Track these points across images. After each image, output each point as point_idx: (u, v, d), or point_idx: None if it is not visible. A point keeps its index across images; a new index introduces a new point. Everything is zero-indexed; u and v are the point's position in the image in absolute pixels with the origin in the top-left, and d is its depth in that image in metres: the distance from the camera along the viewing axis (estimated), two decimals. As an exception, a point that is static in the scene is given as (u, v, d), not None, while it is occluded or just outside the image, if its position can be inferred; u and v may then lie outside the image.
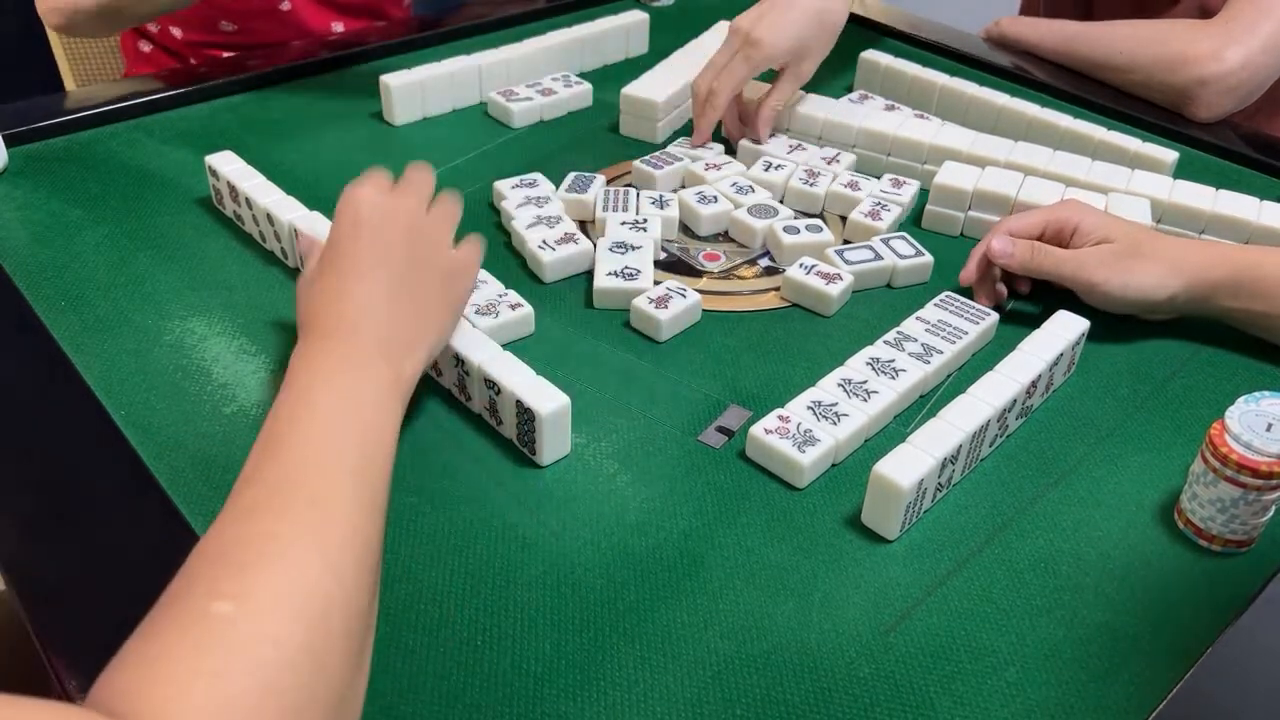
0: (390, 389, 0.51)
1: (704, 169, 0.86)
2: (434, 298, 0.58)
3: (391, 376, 0.51)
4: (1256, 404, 0.54)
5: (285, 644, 0.36)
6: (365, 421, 0.48)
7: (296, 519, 0.41)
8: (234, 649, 0.35)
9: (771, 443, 0.58)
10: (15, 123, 0.87)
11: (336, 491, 0.43)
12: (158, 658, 0.35)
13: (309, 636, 0.37)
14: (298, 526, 0.41)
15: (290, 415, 0.46)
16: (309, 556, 0.40)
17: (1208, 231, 0.81)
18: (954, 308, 0.69)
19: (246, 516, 0.41)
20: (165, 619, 0.37)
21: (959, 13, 1.33)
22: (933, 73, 1.00)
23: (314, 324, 0.53)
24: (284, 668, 0.35)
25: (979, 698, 0.47)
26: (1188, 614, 0.52)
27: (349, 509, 0.43)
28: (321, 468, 0.44)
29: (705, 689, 0.46)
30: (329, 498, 0.43)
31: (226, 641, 0.35)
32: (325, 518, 0.42)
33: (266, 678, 0.35)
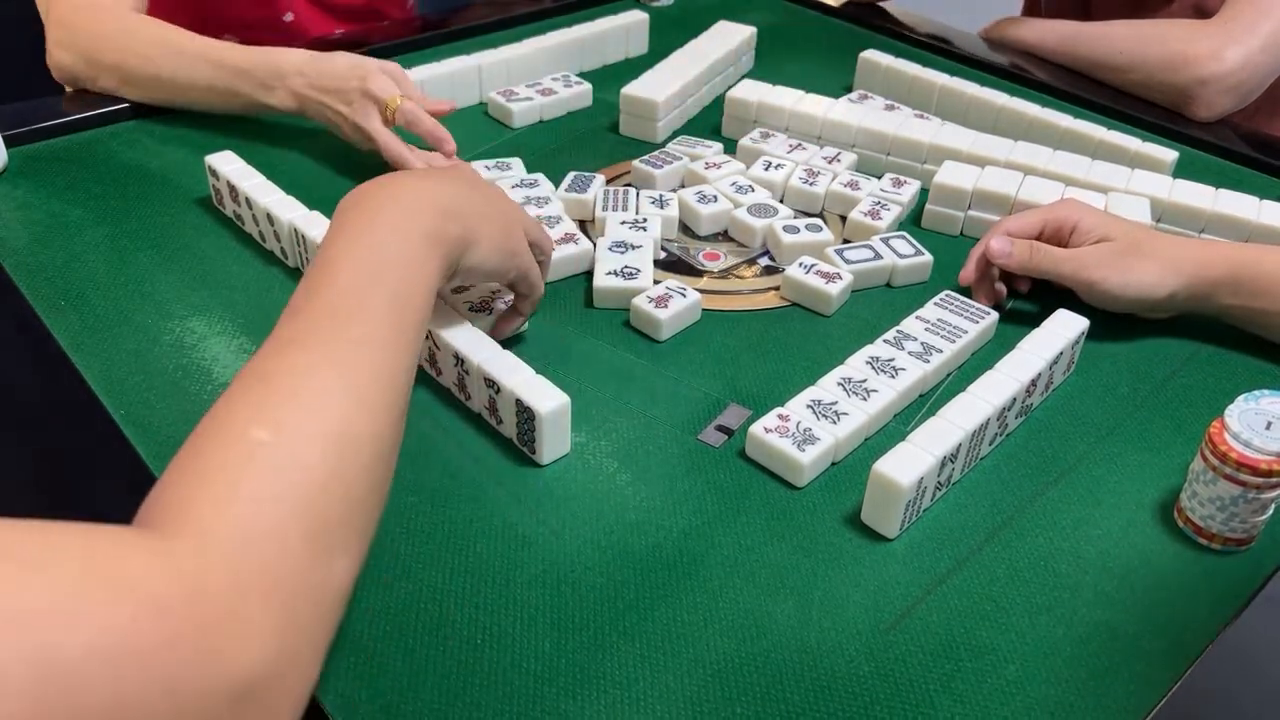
0: (433, 249, 0.51)
1: (704, 168, 0.86)
2: (493, 207, 0.59)
3: (434, 235, 0.52)
4: (1256, 402, 0.54)
5: (316, 471, 0.39)
6: (403, 269, 0.49)
7: (332, 354, 0.43)
8: (268, 474, 0.38)
9: (771, 441, 0.58)
10: (15, 123, 0.87)
11: (372, 331, 0.45)
12: (199, 478, 0.38)
13: (339, 465, 0.40)
14: (333, 362, 0.43)
15: (334, 255, 0.48)
16: (342, 391, 0.42)
17: (1208, 231, 0.81)
18: (954, 307, 0.69)
19: (286, 349, 0.44)
20: (207, 442, 0.39)
21: (959, 13, 1.33)
22: (933, 73, 1.00)
23: (363, 187, 0.53)
24: (314, 493, 0.38)
25: (979, 696, 0.47)
26: (1187, 612, 0.52)
27: (382, 348, 0.45)
28: (359, 308, 0.46)
29: (705, 687, 0.47)
30: (364, 337, 0.45)
31: (262, 467, 0.38)
32: (359, 355, 0.44)
33: (297, 502, 0.38)
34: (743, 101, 0.94)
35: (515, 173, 0.85)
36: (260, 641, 0.34)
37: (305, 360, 0.43)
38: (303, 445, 0.39)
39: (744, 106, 0.94)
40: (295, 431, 0.40)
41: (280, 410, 0.40)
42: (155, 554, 0.34)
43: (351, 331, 0.45)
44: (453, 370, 0.62)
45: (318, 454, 0.39)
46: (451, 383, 0.63)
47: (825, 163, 0.88)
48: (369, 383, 0.43)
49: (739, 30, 1.08)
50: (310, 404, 0.41)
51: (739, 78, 1.06)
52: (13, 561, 0.30)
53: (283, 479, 0.38)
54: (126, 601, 0.31)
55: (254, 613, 0.35)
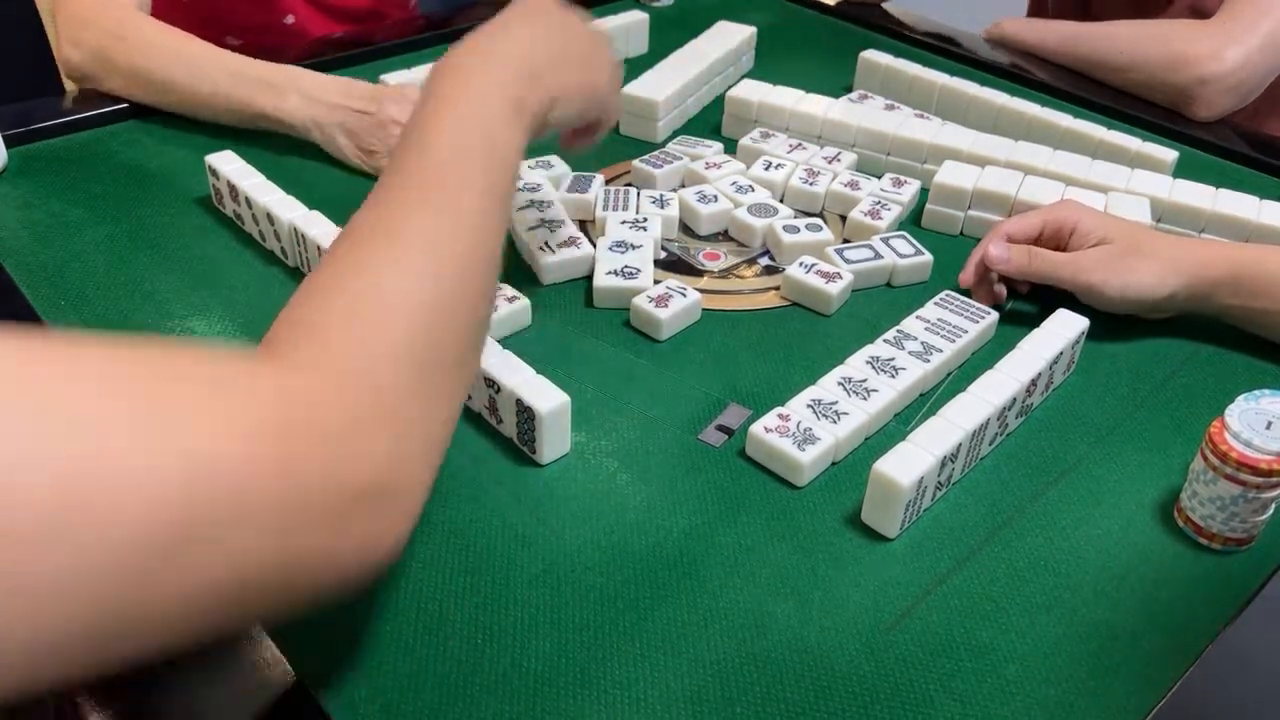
0: (519, 114, 0.54)
1: (704, 168, 0.86)
2: (579, 53, 0.62)
3: (522, 101, 0.54)
4: (1256, 402, 0.54)
5: (425, 307, 0.43)
6: (493, 137, 0.51)
7: (432, 208, 0.46)
8: (381, 309, 0.41)
9: (771, 441, 0.58)
10: (15, 123, 0.87)
11: (466, 190, 0.48)
12: (317, 312, 0.41)
13: (446, 303, 0.44)
14: (437, 211, 0.46)
15: (428, 123, 0.50)
16: (449, 237, 0.46)
17: (1208, 231, 0.81)
18: (954, 306, 0.69)
19: (389, 204, 0.47)
20: (324, 281, 0.43)
21: (959, 13, 1.33)
22: (933, 73, 1.00)
23: (456, 50, 0.56)
24: (422, 327, 0.42)
25: (979, 696, 0.47)
26: (1187, 612, 0.52)
27: (476, 206, 0.48)
28: (454, 168, 0.49)
29: (705, 687, 0.47)
30: (459, 196, 0.48)
31: (375, 302, 0.41)
32: (457, 211, 0.47)
33: (407, 334, 0.41)
34: (743, 101, 0.94)
35: (558, 170, 0.85)
36: (375, 456, 0.37)
37: (411, 211, 0.46)
38: (413, 283, 0.43)
39: (744, 106, 0.94)
40: (406, 271, 0.43)
41: (392, 251, 0.44)
42: (279, 374, 0.37)
43: (450, 190, 0.48)
44: (453, 370, 0.62)
45: (428, 291, 0.43)
46: (451, 382, 0.63)
47: (825, 163, 0.88)
48: (470, 233, 0.47)
49: (739, 30, 1.08)
50: (419, 246, 0.44)
51: (739, 78, 1.06)
52: (154, 376, 0.33)
53: (395, 314, 0.41)
54: (253, 416, 0.34)
55: (369, 430, 0.38)
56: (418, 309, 0.42)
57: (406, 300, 0.42)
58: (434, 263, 0.44)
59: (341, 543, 0.36)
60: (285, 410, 0.35)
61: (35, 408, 0.29)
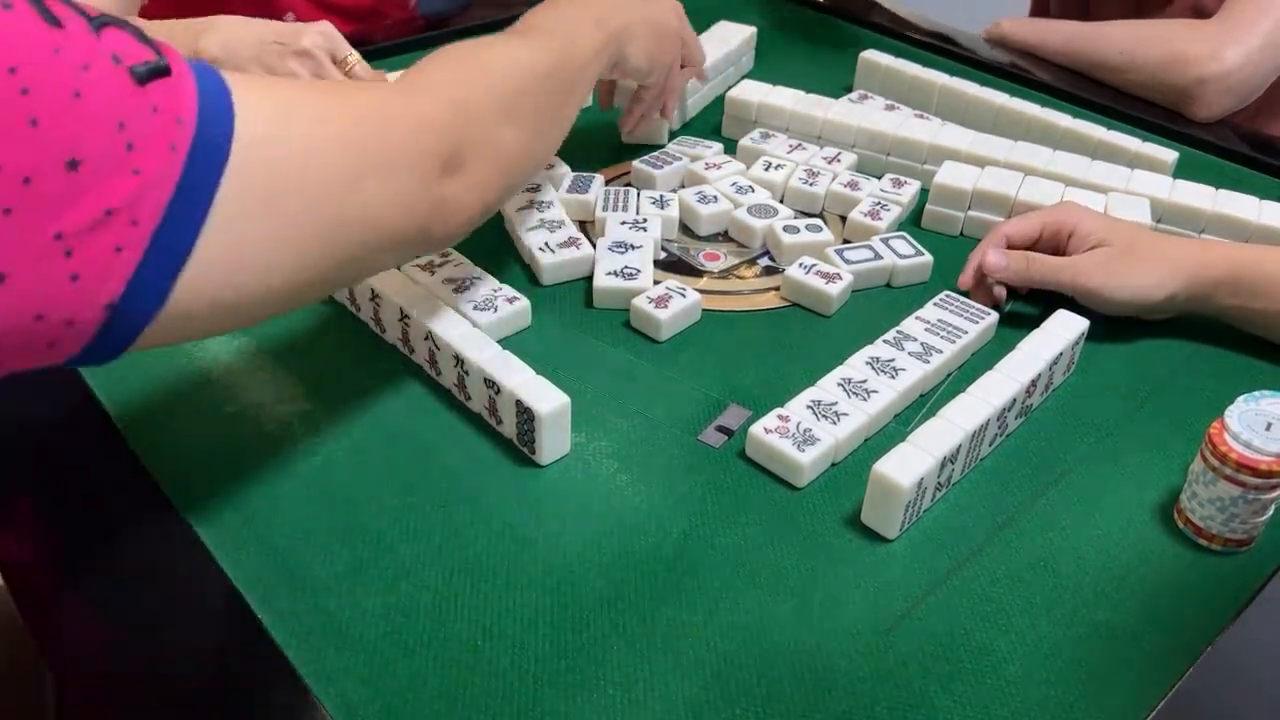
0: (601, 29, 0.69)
1: (704, 169, 0.86)
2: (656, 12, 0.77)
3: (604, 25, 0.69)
4: (1256, 403, 0.54)
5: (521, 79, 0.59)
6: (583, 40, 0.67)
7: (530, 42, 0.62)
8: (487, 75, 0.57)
9: (771, 442, 0.58)
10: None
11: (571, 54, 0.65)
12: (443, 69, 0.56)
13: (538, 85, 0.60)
14: (529, 45, 0.62)
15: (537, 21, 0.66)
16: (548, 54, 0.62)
17: (1208, 231, 0.81)
18: (954, 307, 0.69)
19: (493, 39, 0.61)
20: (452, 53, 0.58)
21: (959, 13, 1.33)
22: (933, 73, 1.00)
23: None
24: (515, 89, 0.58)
25: (979, 696, 0.47)
26: (1187, 613, 0.52)
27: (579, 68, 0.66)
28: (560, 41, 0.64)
29: (705, 688, 0.46)
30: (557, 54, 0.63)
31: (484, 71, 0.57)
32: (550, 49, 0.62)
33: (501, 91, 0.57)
34: (743, 102, 0.94)
35: (558, 170, 0.85)
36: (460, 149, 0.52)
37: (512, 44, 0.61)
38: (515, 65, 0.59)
39: (744, 107, 0.94)
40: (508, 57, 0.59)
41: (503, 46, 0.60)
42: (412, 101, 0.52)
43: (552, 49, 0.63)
44: (453, 371, 0.62)
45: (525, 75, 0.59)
46: (451, 383, 0.63)
47: (825, 163, 0.88)
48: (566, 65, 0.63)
49: (739, 30, 1.08)
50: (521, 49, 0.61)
51: (739, 78, 1.06)
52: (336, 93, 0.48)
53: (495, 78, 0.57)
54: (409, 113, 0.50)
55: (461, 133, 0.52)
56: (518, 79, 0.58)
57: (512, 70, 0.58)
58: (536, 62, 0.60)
59: (444, 192, 0.51)
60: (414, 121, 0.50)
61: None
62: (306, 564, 0.51)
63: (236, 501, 0.55)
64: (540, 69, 0.60)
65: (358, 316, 0.69)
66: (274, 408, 0.61)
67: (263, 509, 0.54)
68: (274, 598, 0.49)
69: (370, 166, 0.46)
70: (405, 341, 0.66)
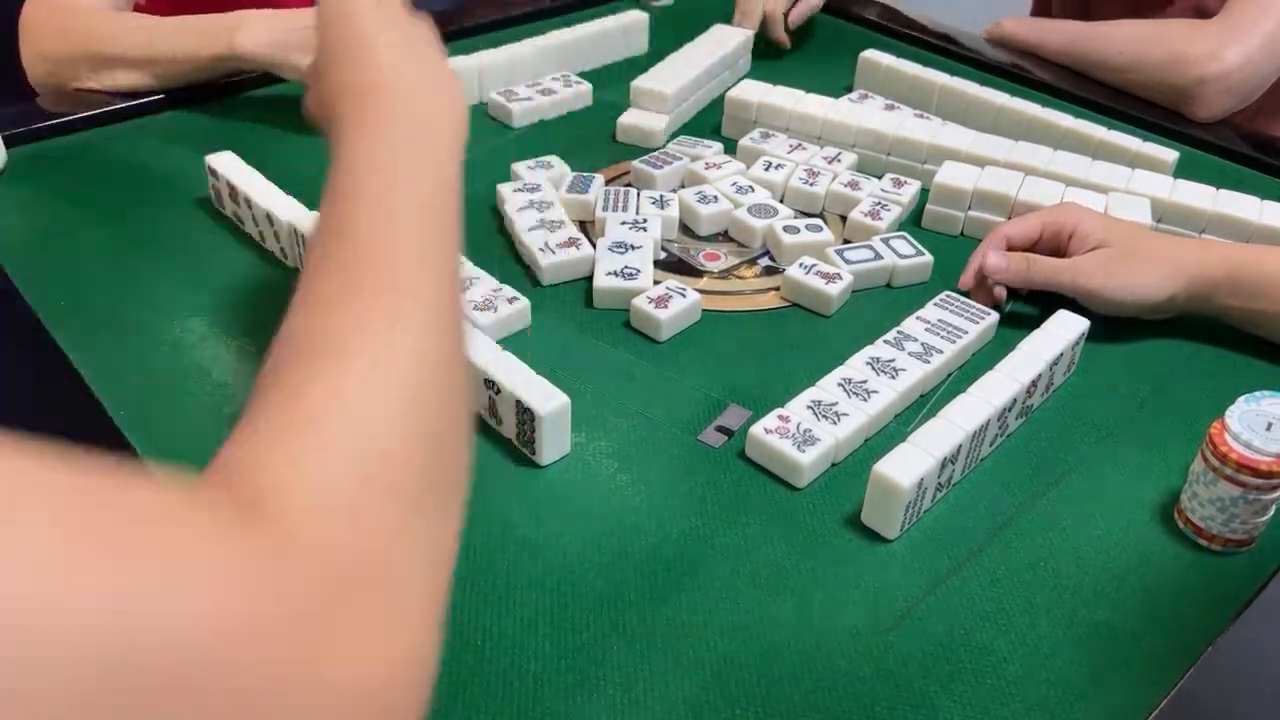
0: (449, 141, 0.48)
1: (704, 169, 0.86)
2: (444, 71, 0.53)
3: (446, 127, 0.48)
4: (1257, 403, 0.54)
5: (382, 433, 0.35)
6: (427, 183, 0.44)
7: (376, 304, 0.38)
8: (332, 441, 0.34)
9: (771, 442, 0.58)
10: (15, 123, 0.87)
11: (410, 270, 0.40)
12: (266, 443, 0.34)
13: (406, 423, 0.36)
14: (378, 313, 0.38)
15: (349, 191, 0.43)
16: (394, 342, 0.38)
17: (1208, 231, 0.81)
18: (954, 307, 0.69)
19: (324, 307, 0.39)
20: (263, 410, 0.36)
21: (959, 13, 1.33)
22: (933, 73, 1.00)
23: (342, 100, 0.48)
24: (384, 454, 0.35)
25: (979, 697, 0.47)
26: (1188, 613, 0.52)
27: (425, 286, 0.40)
28: (391, 245, 0.41)
29: (705, 688, 0.46)
30: (404, 279, 0.40)
31: (324, 434, 0.34)
32: (403, 300, 0.39)
33: (368, 465, 0.34)
34: (743, 102, 0.94)
35: (558, 170, 0.86)
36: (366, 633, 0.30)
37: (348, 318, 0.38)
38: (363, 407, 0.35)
39: (744, 107, 0.94)
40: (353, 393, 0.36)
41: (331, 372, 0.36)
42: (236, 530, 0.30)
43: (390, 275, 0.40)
44: (453, 371, 0.62)
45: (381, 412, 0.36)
46: (451, 383, 0.63)
47: (825, 163, 0.88)
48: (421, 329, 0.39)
49: (735, 34, 1.07)
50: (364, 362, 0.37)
51: (735, 81, 1.06)
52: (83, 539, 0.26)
53: (348, 446, 0.34)
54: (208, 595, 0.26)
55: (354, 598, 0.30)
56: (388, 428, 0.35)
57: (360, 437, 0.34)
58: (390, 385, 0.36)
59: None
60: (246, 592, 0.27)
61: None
62: (306, 564, 0.51)
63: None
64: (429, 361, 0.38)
65: (358, 316, 0.69)
66: (274, 408, 0.61)
67: (263, 509, 0.54)
68: (274, 598, 0.49)
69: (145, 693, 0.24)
70: (405, 341, 0.65)
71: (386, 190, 0.43)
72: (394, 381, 0.36)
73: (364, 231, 0.41)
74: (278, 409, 0.35)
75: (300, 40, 0.85)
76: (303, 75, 0.85)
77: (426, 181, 0.45)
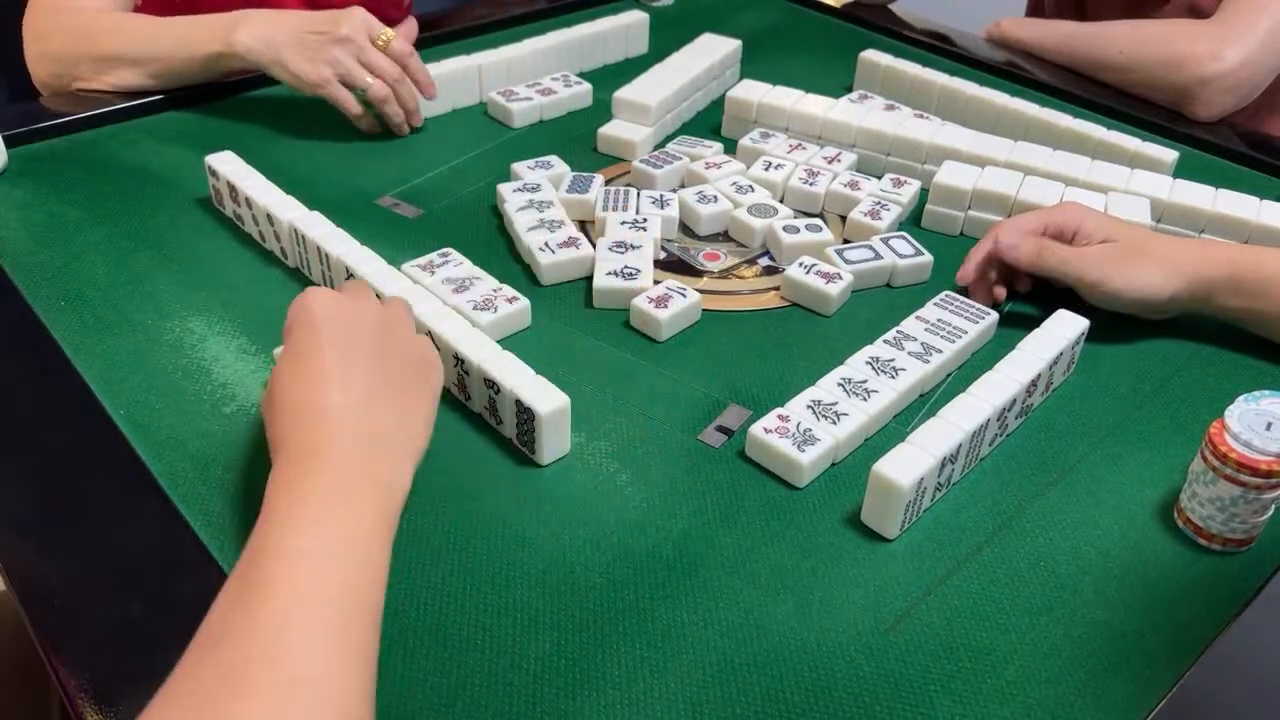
0: (381, 517, 0.46)
1: (704, 168, 0.86)
2: (413, 392, 0.52)
3: (383, 499, 0.46)
4: (1256, 403, 0.54)
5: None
6: (354, 563, 0.43)
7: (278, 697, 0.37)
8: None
9: (771, 442, 0.58)
10: (15, 123, 0.87)
11: (322, 662, 0.38)
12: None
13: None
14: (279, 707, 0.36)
15: (270, 558, 0.41)
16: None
17: (1207, 231, 0.81)
18: (954, 307, 0.69)
19: (221, 688, 0.36)
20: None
21: (959, 13, 1.33)
22: (933, 73, 1.00)
23: (287, 444, 0.47)
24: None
25: (979, 696, 0.47)
26: (1187, 613, 0.52)
27: (337, 683, 0.38)
28: (305, 632, 0.39)
29: (705, 688, 0.46)
30: (314, 673, 0.38)
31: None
32: (310, 697, 0.37)
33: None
34: (743, 101, 0.94)
35: (557, 170, 0.86)
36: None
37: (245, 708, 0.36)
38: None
39: (744, 106, 0.94)
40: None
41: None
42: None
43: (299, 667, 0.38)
44: (453, 370, 0.62)
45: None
46: (451, 383, 0.63)
47: (825, 163, 0.88)
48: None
49: (724, 43, 1.05)
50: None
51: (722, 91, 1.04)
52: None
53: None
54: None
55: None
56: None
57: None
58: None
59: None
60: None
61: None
62: (306, 564, 0.51)
63: (237, 502, 0.55)
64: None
65: (358, 316, 0.69)
66: (274, 408, 0.61)
67: (263, 509, 0.54)
68: (274, 598, 0.49)
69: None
70: (405, 341, 0.66)
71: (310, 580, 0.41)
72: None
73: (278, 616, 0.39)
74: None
75: (295, 40, 0.85)
76: (296, 79, 0.86)
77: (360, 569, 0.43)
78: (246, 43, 0.86)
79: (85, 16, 0.91)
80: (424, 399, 0.53)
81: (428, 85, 0.91)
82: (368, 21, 0.87)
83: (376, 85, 0.87)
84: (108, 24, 0.91)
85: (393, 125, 0.91)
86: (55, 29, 0.91)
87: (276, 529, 0.43)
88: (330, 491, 0.45)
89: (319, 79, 0.86)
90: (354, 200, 0.83)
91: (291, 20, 0.87)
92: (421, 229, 0.80)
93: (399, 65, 0.88)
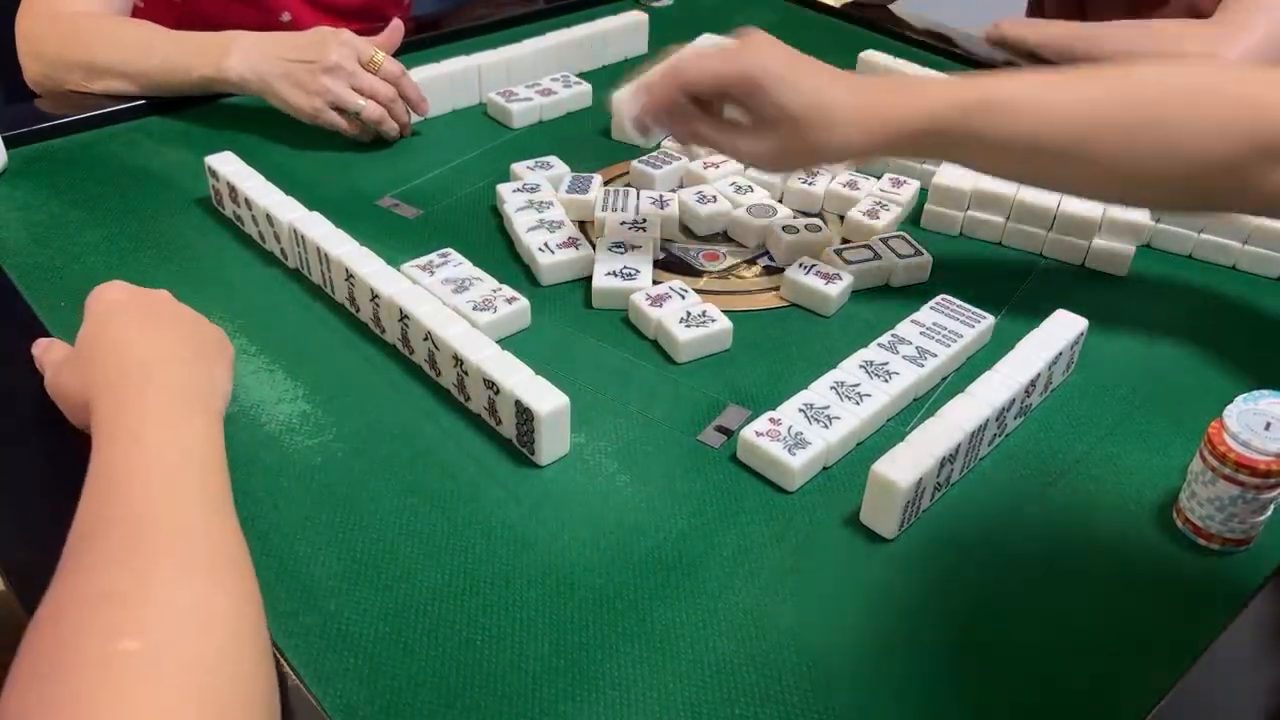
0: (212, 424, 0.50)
1: (703, 168, 0.86)
2: (215, 361, 0.57)
3: (213, 423, 0.50)
4: (1255, 403, 0.54)
5: (202, 666, 0.37)
6: (200, 453, 0.47)
7: (167, 553, 0.41)
8: (157, 682, 0.35)
9: (762, 445, 0.58)
10: (15, 123, 0.87)
11: (195, 521, 0.43)
12: (71, 702, 0.34)
13: (221, 655, 0.38)
14: (173, 559, 0.40)
15: (119, 462, 0.45)
16: (194, 583, 0.40)
17: (1206, 230, 0.81)
18: (949, 311, 0.69)
19: (110, 563, 0.40)
20: (65, 665, 0.35)
21: (959, 13, 1.33)
22: (933, 73, 1.00)
23: (109, 389, 0.50)
24: (208, 688, 0.36)
25: (979, 696, 0.47)
26: (1186, 613, 0.52)
27: (212, 533, 0.43)
28: (171, 501, 0.43)
29: (704, 688, 0.47)
30: (190, 527, 0.42)
31: (148, 677, 0.35)
32: (193, 546, 0.42)
33: (197, 701, 0.35)
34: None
35: (557, 170, 0.86)
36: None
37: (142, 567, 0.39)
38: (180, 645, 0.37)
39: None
40: (166, 634, 0.37)
41: (139, 619, 0.37)
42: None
43: (175, 526, 0.42)
44: (452, 371, 0.62)
45: (196, 648, 0.37)
46: (451, 383, 0.63)
47: (825, 163, 0.88)
48: (214, 566, 0.42)
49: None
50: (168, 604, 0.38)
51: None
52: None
53: (174, 685, 0.35)
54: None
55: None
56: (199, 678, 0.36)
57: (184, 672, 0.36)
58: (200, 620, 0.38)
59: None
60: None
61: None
62: (306, 564, 0.51)
63: (236, 501, 0.55)
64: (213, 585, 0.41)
65: (357, 316, 0.70)
66: (274, 408, 0.62)
67: (263, 509, 0.54)
68: (273, 598, 0.49)
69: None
70: (405, 342, 0.66)
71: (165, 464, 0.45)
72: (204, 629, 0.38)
73: (140, 497, 0.43)
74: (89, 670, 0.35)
75: (284, 72, 0.85)
76: (288, 109, 0.86)
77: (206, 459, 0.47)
78: (239, 71, 0.86)
79: (78, 23, 0.91)
80: (223, 367, 0.58)
81: (420, 102, 0.90)
82: (355, 45, 0.86)
83: (370, 107, 0.87)
84: (100, 33, 0.91)
85: (388, 139, 0.90)
86: (47, 34, 0.91)
87: (112, 442, 0.46)
88: (164, 410, 0.48)
89: (312, 111, 0.86)
90: (354, 201, 0.83)
91: (281, 48, 0.86)
92: (421, 229, 0.80)
93: (391, 86, 0.88)
